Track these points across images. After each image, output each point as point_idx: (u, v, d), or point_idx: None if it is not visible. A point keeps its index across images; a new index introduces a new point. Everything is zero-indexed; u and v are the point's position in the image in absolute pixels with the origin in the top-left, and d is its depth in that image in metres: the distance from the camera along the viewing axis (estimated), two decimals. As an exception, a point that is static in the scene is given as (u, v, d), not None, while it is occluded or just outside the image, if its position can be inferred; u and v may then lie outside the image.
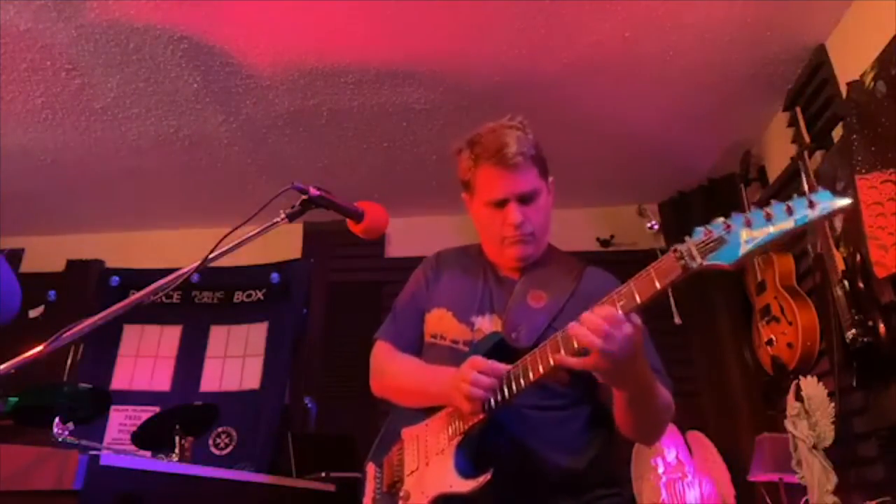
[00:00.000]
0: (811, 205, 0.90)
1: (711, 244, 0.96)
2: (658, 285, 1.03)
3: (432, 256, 1.65)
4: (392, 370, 1.53)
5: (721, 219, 0.96)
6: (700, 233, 0.98)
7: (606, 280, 1.44)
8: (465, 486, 1.22)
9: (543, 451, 1.31)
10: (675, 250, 1.00)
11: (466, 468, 1.25)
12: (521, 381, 1.20)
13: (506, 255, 1.47)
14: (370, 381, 1.57)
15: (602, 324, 1.06)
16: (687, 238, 0.99)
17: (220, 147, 3.67)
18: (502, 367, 1.24)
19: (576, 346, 1.11)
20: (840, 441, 2.55)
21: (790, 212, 0.91)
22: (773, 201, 0.93)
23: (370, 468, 1.52)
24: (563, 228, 1.52)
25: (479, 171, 1.44)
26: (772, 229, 0.92)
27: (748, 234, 0.93)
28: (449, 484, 1.25)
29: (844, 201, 0.89)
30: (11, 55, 2.95)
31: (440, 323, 1.49)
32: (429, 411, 1.40)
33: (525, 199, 1.42)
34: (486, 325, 1.43)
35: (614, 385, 1.19)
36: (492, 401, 1.24)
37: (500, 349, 1.30)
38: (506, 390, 1.22)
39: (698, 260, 0.97)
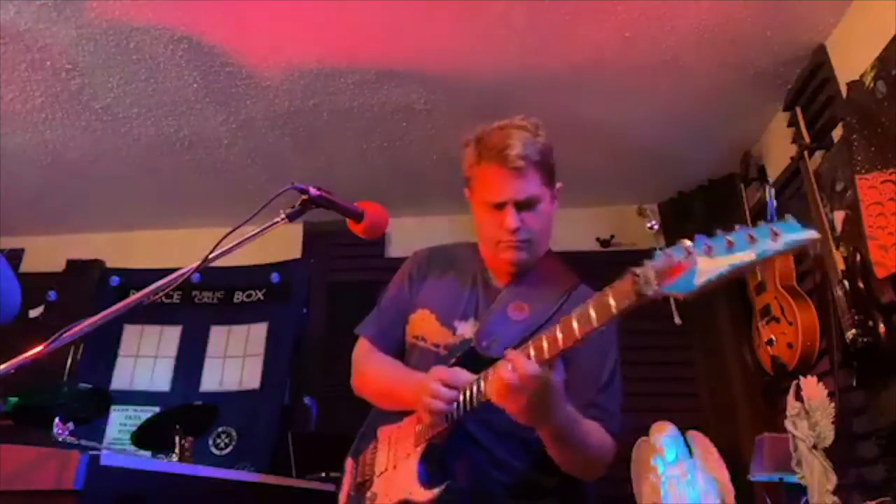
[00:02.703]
0: (774, 235, 0.81)
1: (670, 270, 0.89)
2: (614, 310, 0.98)
3: (423, 253, 1.61)
4: (368, 371, 1.52)
5: (686, 242, 0.88)
6: (660, 256, 0.90)
7: None
8: (423, 495, 1.22)
9: (500, 464, 1.31)
10: (634, 273, 0.94)
11: (427, 477, 1.24)
12: (481, 396, 1.17)
13: (499, 258, 1.44)
14: (351, 379, 1.55)
15: (501, 382, 1.09)
16: (646, 261, 0.92)
17: (220, 147, 3.67)
18: (466, 377, 1.22)
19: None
20: (840, 441, 2.55)
21: (751, 241, 0.82)
22: (737, 226, 0.85)
23: (349, 463, 1.52)
24: (563, 228, 1.50)
25: (480, 170, 1.41)
26: (730, 260, 0.83)
27: (707, 262, 0.85)
28: (409, 491, 1.25)
29: (810, 234, 0.80)
30: (11, 55, 2.95)
31: (422, 325, 1.47)
32: (405, 411, 1.38)
33: (524, 205, 1.38)
34: (468, 330, 1.41)
35: (526, 424, 1.17)
36: (454, 413, 1.22)
37: (471, 357, 1.28)
38: (468, 401, 1.20)
39: (654, 287, 0.90)
